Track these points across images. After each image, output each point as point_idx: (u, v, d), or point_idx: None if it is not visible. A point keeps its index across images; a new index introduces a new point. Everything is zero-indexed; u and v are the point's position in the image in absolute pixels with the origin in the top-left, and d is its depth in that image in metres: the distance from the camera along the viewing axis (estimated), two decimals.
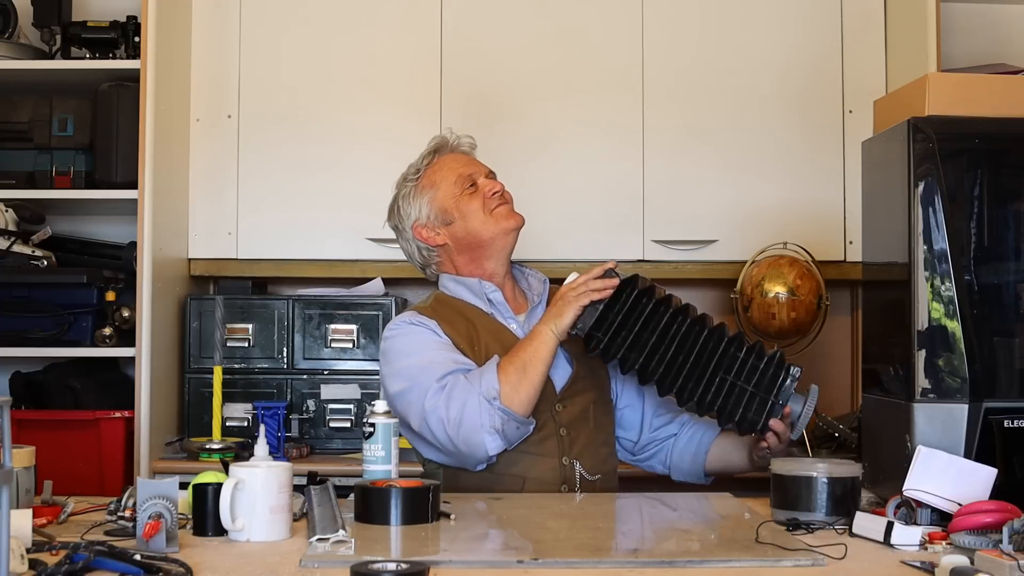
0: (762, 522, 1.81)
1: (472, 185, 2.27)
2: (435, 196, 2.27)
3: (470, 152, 2.35)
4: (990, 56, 3.33)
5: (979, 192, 1.95)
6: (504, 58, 3.29)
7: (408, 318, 2.22)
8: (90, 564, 1.45)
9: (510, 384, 2.04)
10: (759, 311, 3.05)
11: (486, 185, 2.27)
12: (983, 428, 1.86)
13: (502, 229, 2.25)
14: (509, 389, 2.04)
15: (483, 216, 2.24)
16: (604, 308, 2.04)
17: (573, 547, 1.65)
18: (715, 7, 3.31)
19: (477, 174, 2.28)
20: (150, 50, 2.99)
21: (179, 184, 3.23)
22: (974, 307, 1.89)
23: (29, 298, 3.06)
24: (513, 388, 2.04)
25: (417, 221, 2.28)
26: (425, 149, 2.34)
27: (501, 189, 2.28)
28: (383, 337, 2.24)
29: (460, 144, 2.34)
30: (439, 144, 2.33)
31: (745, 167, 3.28)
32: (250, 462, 1.76)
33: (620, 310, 2.04)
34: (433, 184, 2.28)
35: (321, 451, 3.14)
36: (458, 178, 2.27)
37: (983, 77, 2.41)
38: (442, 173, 2.28)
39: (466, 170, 2.28)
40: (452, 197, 2.26)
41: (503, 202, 2.27)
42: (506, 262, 2.29)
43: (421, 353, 2.15)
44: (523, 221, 2.27)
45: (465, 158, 2.32)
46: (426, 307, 2.26)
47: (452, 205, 2.26)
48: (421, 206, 2.28)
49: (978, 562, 1.49)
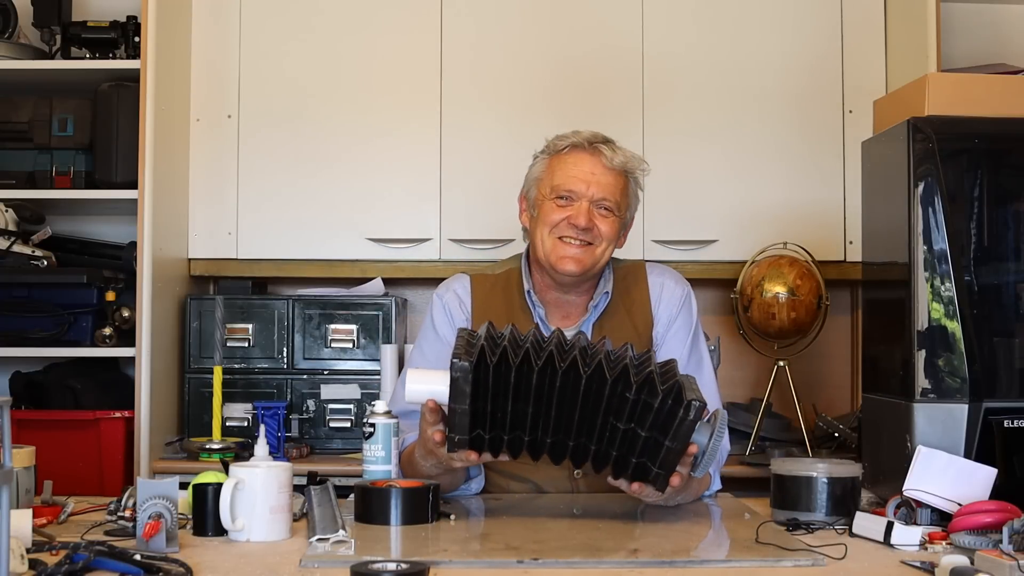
0: (762, 522, 1.81)
1: (563, 199, 2.14)
2: (541, 181, 2.19)
3: (606, 165, 2.14)
4: (990, 56, 3.33)
5: (979, 192, 1.95)
6: (504, 58, 3.29)
7: (446, 297, 2.22)
8: (90, 564, 1.45)
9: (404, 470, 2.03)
10: (759, 311, 3.05)
11: (574, 210, 2.12)
12: (983, 428, 1.86)
13: (552, 261, 2.14)
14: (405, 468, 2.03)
15: (545, 235, 2.14)
16: (471, 403, 1.75)
17: (573, 547, 1.65)
18: (715, 7, 3.31)
19: (580, 196, 2.13)
20: (150, 50, 2.99)
21: (179, 184, 3.23)
22: (974, 307, 1.89)
23: (29, 298, 3.06)
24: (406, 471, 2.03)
25: (524, 191, 2.25)
26: (570, 133, 2.20)
27: (583, 225, 2.11)
28: (436, 292, 2.26)
29: (601, 151, 2.15)
30: (577, 141, 2.17)
31: (745, 167, 3.28)
32: (250, 462, 1.76)
33: (485, 395, 1.76)
34: (547, 169, 2.18)
35: (321, 451, 3.14)
36: (556, 187, 2.14)
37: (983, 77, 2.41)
38: (557, 167, 2.16)
39: (570, 184, 2.13)
40: (543, 197, 2.17)
41: (573, 239, 2.12)
42: (557, 286, 2.20)
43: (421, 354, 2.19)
44: (580, 269, 2.13)
45: (588, 170, 2.14)
46: (486, 279, 2.24)
47: (541, 202, 2.18)
48: (529, 182, 2.22)
49: (978, 562, 1.49)
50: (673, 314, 2.22)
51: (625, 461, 1.78)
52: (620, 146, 2.19)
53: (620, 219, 2.17)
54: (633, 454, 1.77)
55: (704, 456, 1.78)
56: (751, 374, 3.41)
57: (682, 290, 2.25)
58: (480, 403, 1.76)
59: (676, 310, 2.23)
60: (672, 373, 1.78)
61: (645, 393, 1.74)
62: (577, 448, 1.80)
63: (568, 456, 1.81)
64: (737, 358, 3.38)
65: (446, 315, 2.21)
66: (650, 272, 2.26)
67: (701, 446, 1.77)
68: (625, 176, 2.18)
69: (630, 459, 1.78)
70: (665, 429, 1.74)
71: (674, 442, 1.74)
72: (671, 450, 1.75)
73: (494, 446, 1.80)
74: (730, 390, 3.36)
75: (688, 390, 1.74)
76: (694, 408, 1.72)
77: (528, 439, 1.80)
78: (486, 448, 1.80)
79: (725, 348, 3.24)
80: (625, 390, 1.75)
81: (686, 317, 2.23)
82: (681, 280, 2.28)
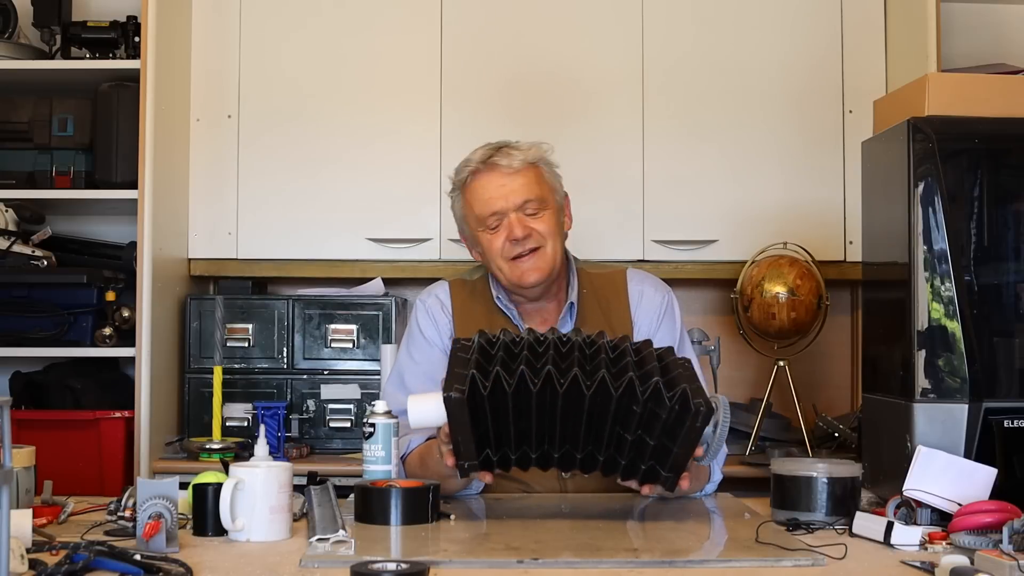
0: (762, 522, 1.81)
1: (493, 225, 2.16)
2: (467, 218, 2.22)
3: (508, 172, 2.16)
4: (990, 56, 3.33)
5: (979, 192, 1.95)
6: (504, 58, 3.29)
7: (428, 302, 2.25)
8: (90, 564, 1.45)
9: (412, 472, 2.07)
10: (759, 311, 3.05)
11: (506, 228, 2.15)
12: (983, 428, 1.86)
13: (515, 282, 2.17)
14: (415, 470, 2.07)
15: (500, 261, 2.17)
16: (472, 428, 1.75)
17: (573, 547, 1.65)
18: (715, 7, 3.31)
19: (504, 213, 2.15)
20: (150, 50, 2.99)
21: (179, 184, 3.23)
22: (974, 307, 1.89)
23: (29, 298, 3.06)
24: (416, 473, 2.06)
25: (460, 230, 2.29)
26: (464, 161, 2.22)
27: (521, 235, 2.14)
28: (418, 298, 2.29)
29: (498, 163, 2.17)
30: (473, 168, 2.19)
31: (745, 167, 3.28)
32: (250, 462, 1.76)
33: (485, 420, 1.76)
34: (465, 204, 2.21)
35: (321, 451, 3.14)
36: (480, 218, 2.17)
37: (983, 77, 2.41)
38: (471, 198, 2.19)
39: (489, 209, 2.16)
40: (477, 230, 2.20)
41: (522, 252, 2.14)
42: (528, 299, 2.22)
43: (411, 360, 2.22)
44: (543, 276, 2.16)
45: (496, 186, 2.16)
46: (464, 284, 2.27)
47: (478, 236, 2.20)
48: (459, 222, 2.26)
49: (978, 562, 1.49)
50: (653, 321, 2.22)
51: (634, 467, 1.79)
52: (514, 144, 2.21)
53: (551, 208, 2.18)
54: (642, 460, 1.78)
55: (711, 447, 1.79)
56: (751, 374, 3.41)
57: (662, 296, 2.25)
58: (482, 427, 1.76)
59: (657, 318, 2.23)
60: (671, 368, 1.78)
61: (652, 403, 1.73)
62: (586, 459, 1.80)
63: (578, 466, 1.81)
64: (737, 358, 3.38)
65: (430, 319, 2.24)
66: (630, 280, 2.27)
67: (707, 438, 1.78)
68: (534, 167, 2.19)
69: (639, 465, 1.78)
70: (673, 435, 1.74)
71: (683, 447, 1.75)
72: (680, 454, 1.76)
73: (503, 463, 1.81)
74: (730, 390, 3.35)
75: (693, 393, 1.73)
76: (702, 415, 1.72)
77: (535, 455, 1.80)
78: (496, 466, 1.81)
79: (725, 348, 3.24)
80: (632, 403, 1.74)
81: (669, 324, 2.23)
82: (661, 286, 2.28)
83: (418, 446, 2.08)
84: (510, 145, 2.21)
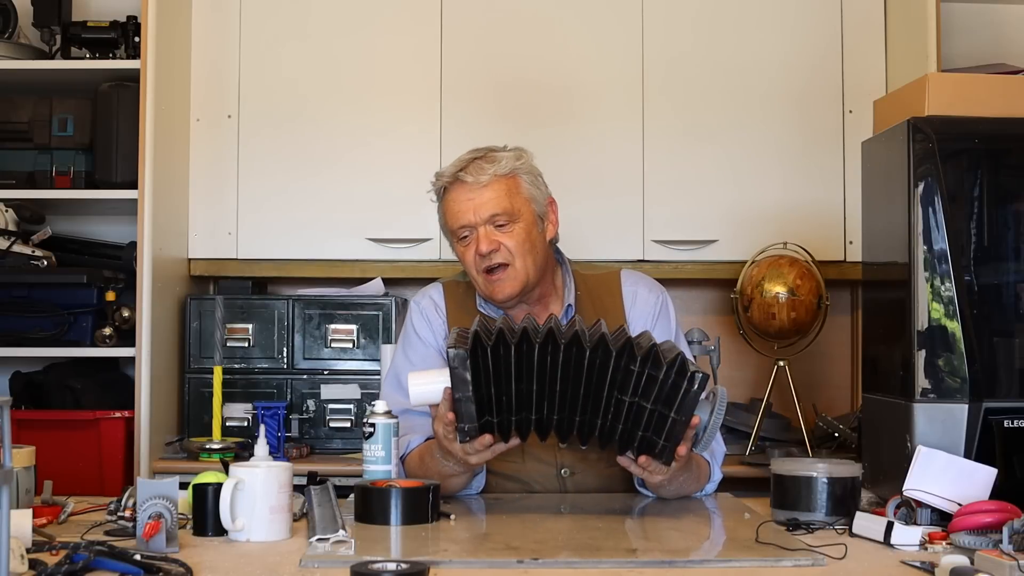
0: (762, 522, 1.81)
1: (463, 237, 2.16)
2: (444, 228, 2.23)
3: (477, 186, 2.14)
4: (990, 56, 3.33)
5: (979, 192, 1.95)
6: (504, 58, 3.29)
7: (422, 302, 2.26)
8: (90, 564, 1.45)
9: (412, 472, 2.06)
10: (759, 311, 3.05)
11: (474, 241, 2.14)
12: (983, 428, 1.86)
13: (488, 295, 2.18)
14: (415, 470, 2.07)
15: (473, 274, 2.18)
16: (473, 390, 1.78)
17: (573, 547, 1.65)
18: (715, 7, 3.31)
19: (473, 226, 2.14)
20: (150, 50, 2.99)
21: (179, 184, 3.23)
22: (974, 307, 1.89)
23: (29, 298, 3.06)
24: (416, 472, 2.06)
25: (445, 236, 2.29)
26: (439, 171, 2.22)
27: (485, 250, 2.12)
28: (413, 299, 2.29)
29: (464, 180, 2.15)
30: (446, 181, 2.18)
31: (745, 167, 3.28)
32: (250, 462, 1.76)
33: (487, 380, 1.78)
34: (443, 213, 2.21)
35: (321, 451, 3.14)
36: (451, 230, 2.17)
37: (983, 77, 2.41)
38: (445, 210, 2.19)
39: (458, 222, 2.15)
40: (453, 241, 2.21)
41: (491, 264, 2.13)
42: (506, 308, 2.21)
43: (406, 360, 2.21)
44: (513, 291, 2.14)
45: (464, 199, 2.14)
46: (457, 285, 2.27)
47: (454, 247, 2.22)
48: (442, 230, 2.26)
49: (978, 562, 1.49)
50: (648, 321, 2.21)
51: (631, 435, 1.81)
52: (490, 155, 2.17)
53: (523, 222, 2.15)
54: (639, 428, 1.80)
55: (706, 432, 1.81)
56: (751, 374, 3.41)
57: (656, 296, 2.25)
58: (483, 389, 1.79)
59: (652, 318, 2.22)
60: (672, 346, 1.82)
61: (650, 366, 1.78)
62: (583, 424, 1.82)
63: (575, 431, 1.83)
64: (737, 358, 3.38)
65: (425, 320, 2.24)
66: (624, 281, 2.27)
67: (703, 421, 1.80)
68: (506, 179, 2.16)
69: (636, 433, 1.80)
70: (670, 402, 1.77)
71: (680, 414, 1.77)
72: (677, 422, 1.77)
73: (503, 429, 1.83)
74: (730, 390, 3.27)
75: (691, 363, 1.78)
76: (699, 379, 1.76)
77: (535, 418, 1.82)
78: (496, 431, 1.83)
79: (725, 348, 3.24)
80: (630, 363, 1.78)
81: (664, 324, 2.22)
82: (655, 287, 2.27)
83: (418, 446, 2.09)
84: (487, 156, 2.17)
